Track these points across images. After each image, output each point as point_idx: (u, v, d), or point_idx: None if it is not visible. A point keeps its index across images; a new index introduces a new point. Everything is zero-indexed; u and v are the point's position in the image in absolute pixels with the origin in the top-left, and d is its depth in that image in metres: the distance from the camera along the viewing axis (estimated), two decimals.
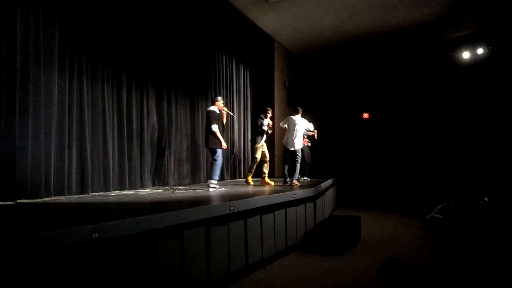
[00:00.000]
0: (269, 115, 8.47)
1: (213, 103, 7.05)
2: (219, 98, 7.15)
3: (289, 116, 8.40)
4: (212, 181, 6.80)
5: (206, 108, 7.58)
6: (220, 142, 6.74)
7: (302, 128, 8.20)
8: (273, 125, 8.69)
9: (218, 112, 6.91)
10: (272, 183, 8.25)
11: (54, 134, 5.57)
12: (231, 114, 7.55)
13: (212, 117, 6.76)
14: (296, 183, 7.95)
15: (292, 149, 8.00)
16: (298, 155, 8.01)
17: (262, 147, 8.35)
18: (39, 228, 2.84)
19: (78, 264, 2.86)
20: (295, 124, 8.09)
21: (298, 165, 8.02)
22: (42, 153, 5.35)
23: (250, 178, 8.61)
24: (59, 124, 5.71)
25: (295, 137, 8.02)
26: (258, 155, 8.34)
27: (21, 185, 5.05)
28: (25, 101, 5.16)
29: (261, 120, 8.41)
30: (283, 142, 8.33)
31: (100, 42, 6.50)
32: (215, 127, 6.70)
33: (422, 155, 12.14)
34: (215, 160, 6.78)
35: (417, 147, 12.32)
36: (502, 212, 7.61)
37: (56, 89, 5.64)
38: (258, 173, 8.71)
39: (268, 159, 8.51)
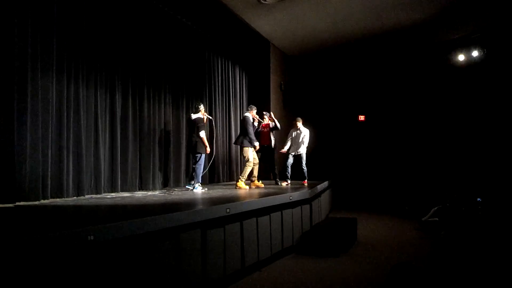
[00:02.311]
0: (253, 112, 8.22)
1: (197, 111, 7.55)
2: (202, 106, 7.64)
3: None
4: (197, 184, 7.34)
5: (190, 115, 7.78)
6: (206, 147, 7.36)
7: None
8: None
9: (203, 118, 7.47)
10: (262, 185, 8.13)
11: (51, 138, 5.60)
12: (210, 118, 8.21)
13: (200, 124, 7.34)
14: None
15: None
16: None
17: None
18: (36, 231, 2.83)
19: (74, 266, 2.85)
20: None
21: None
22: (40, 156, 5.36)
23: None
24: (57, 128, 5.73)
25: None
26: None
27: (20, 187, 5.07)
28: (23, 105, 5.18)
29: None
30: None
31: (96, 45, 6.52)
32: (203, 134, 7.31)
33: (418, 157, 12.18)
34: (200, 164, 7.36)
35: (413, 149, 12.36)
36: (497, 212, 7.65)
37: (53, 93, 5.66)
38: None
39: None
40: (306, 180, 8.97)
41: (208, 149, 7.45)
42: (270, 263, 5.52)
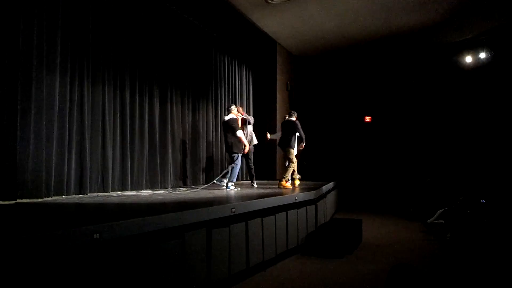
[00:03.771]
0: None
1: (229, 112, 7.51)
2: (233, 106, 7.64)
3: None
4: (230, 183, 7.30)
5: (225, 113, 8.07)
6: (245, 146, 7.33)
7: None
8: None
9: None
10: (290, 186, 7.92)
11: (55, 135, 5.59)
12: (245, 117, 8.34)
13: (235, 124, 7.28)
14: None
15: None
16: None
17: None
18: (40, 229, 2.84)
19: (80, 264, 2.85)
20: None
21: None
22: (43, 154, 5.36)
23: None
24: (60, 125, 5.72)
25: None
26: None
27: (22, 184, 5.06)
28: (27, 102, 5.18)
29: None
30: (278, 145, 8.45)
31: (103, 44, 6.53)
32: (240, 133, 7.25)
33: (424, 159, 12.12)
34: (236, 164, 7.30)
35: (419, 151, 12.30)
36: (503, 214, 7.59)
37: (57, 90, 5.66)
38: (262, 176, 8.66)
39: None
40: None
41: (247, 148, 7.44)
42: (275, 264, 5.51)
